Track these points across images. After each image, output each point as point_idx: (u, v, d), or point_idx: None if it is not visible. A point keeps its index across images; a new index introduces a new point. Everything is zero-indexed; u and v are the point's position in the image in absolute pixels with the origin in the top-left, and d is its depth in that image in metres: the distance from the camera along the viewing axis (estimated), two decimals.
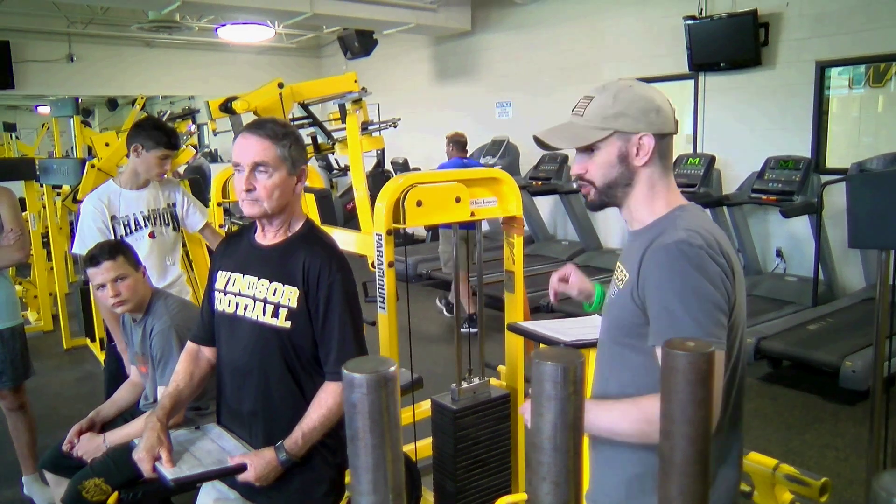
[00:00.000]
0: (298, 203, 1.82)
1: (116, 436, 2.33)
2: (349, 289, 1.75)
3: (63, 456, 2.40)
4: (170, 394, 1.88)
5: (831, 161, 5.87)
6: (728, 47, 6.16)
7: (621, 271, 1.43)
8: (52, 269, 6.18)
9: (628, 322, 1.35)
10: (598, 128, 1.36)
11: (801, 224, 5.77)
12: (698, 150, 6.63)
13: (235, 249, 1.88)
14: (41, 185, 5.88)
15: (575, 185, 1.53)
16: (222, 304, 1.84)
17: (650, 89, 1.38)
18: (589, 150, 1.38)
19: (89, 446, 2.31)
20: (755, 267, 6.20)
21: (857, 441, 3.64)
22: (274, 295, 1.73)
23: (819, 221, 5.22)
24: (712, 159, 6.19)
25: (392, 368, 0.57)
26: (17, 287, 6.64)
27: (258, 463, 1.68)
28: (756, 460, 2.19)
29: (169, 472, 1.64)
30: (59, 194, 5.91)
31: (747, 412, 4.06)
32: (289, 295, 1.71)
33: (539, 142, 1.44)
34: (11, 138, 11.35)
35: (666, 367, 0.62)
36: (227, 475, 1.68)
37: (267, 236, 1.81)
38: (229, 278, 1.83)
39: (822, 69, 5.80)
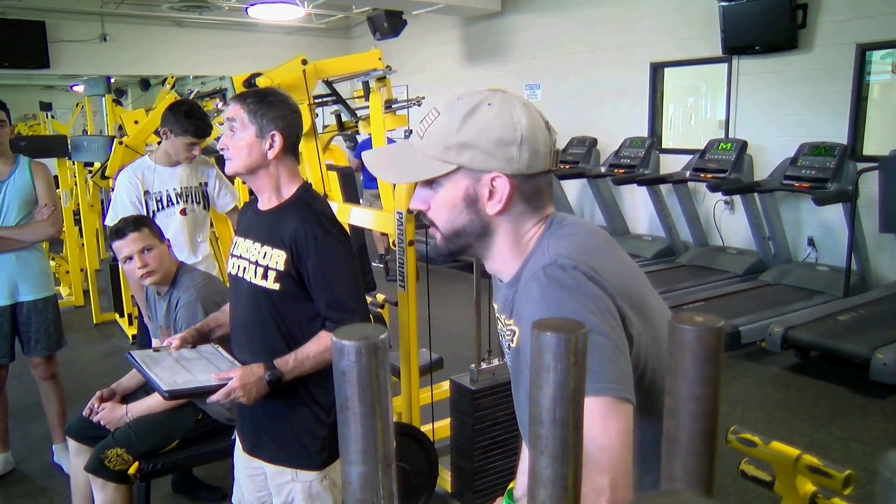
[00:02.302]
0: (283, 170, 1.85)
1: (139, 407, 2.38)
2: (339, 249, 1.80)
3: (87, 425, 2.45)
4: (215, 316, 2.10)
5: (868, 148, 5.70)
6: (763, 30, 6.01)
7: (509, 327, 1.12)
8: (83, 245, 6.29)
9: None
10: (438, 159, 1.05)
11: (835, 212, 5.64)
12: (730, 136, 6.50)
13: (245, 216, 1.99)
14: (73, 163, 5.96)
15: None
16: (229, 265, 1.94)
17: (518, 110, 1.05)
18: (429, 182, 1.08)
19: (112, 415, 2.35)
20: (785, 256, 6.08)
21: (885, 435, 3.56)
22: (264, 258, 1.80)
23: (853, 209, 5.10)
24: (744, 145, 6.06)
25: (383, 336, 0.55)
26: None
27: (244, 372, 1.73)
28: (778, 450, 2.14)
29: (163, 384, 1.73)
30: (90, 172, 5.99)
31: (773, 402, 4.03)
32: (276, 258, 1.78)
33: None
34: (47, 117, 11.54)
35: (673, 342, 0.59)
36: (212, 392, 1.73)
37: (263, 202, 1.88)
38: (236, 242, 1.93)
39: (862, 52, 5.63)
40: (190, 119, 3.01)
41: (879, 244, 5.56)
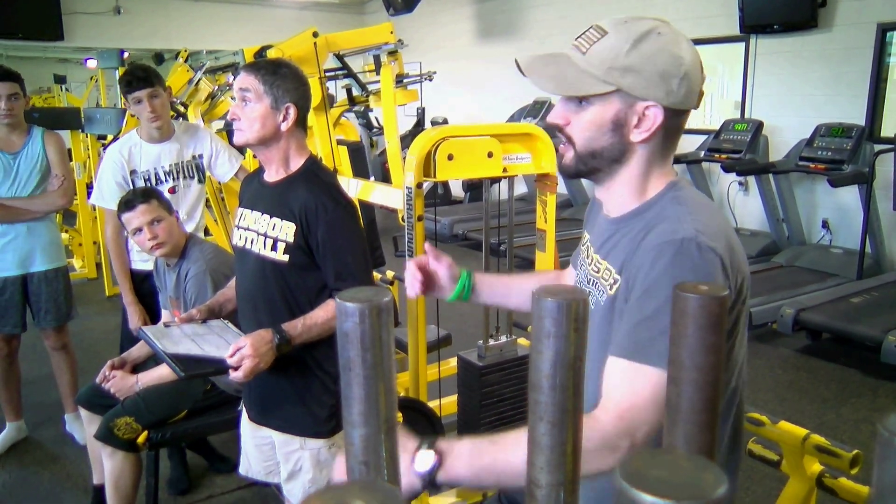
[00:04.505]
0: (293, 142, 1.85)
1: (149, 377, 2.40)
2: (347, 221, 1.80)
3: (98, 394, 2.48)
4: (223, 292, 2.13)
5: (887, 130, 5.62)
6: (782, 8, 5.90)
7: (609, 272, 1.12)
8: (95, 218, 6.32)
9: None
10: (598, 78, 1.05)
11: (850, 194, 5.57)
12: (746, 116, 6.42)
13: (250, 187, 1.98)
14: (86, 136, 5.98)
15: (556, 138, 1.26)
16: (235, 237, 1.93)
17: (684, 45, 1.07)
18: (578, 98, 1.09)
19: (122, 384, 2.37)
20: (799, 238, 6.02)
21: None
22: (273, 230, 1.80)
23: (869, 191, 5.03)
24: (760, 125, 5.99)
25: (387, 299, 0.55)
26: (64, 235, 6.82)
27: (254, 339, 1.72)
28: (786, 430, 2.14)
29: (179, 367, 1.75)
30: (104, 145, 6.01)
31: (784, 384, 4.01)
32: (286, 230, 1.78)
33: (522, 69, 1.14)
34: (62, 90, 11.55)
35: (675, 310, 0.59)
36: (226, 370, 1.74)
37: (270, 174, 1.88)
38: (241, 214, 1.93)
39: (883, 32, 5.52)
40: (123, 78, 2.88)
41: (895, 227, 5.50)
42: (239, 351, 1.70)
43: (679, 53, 1.05)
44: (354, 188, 2.98)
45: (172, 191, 2.99)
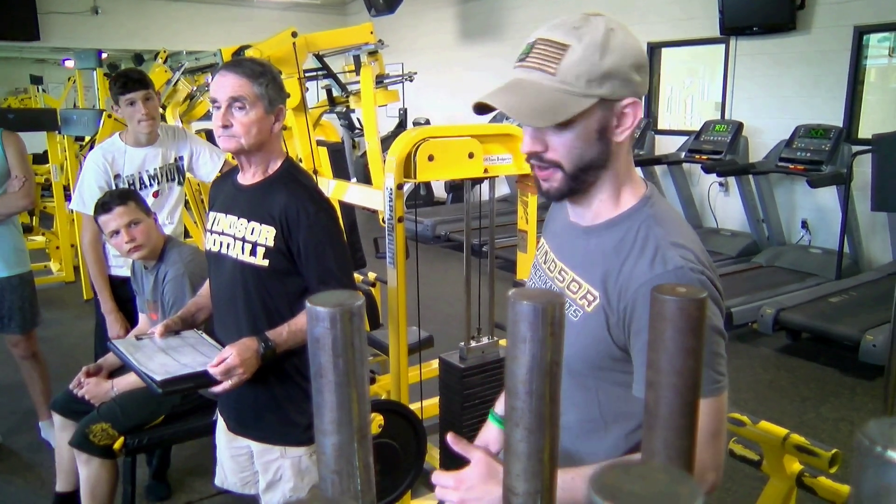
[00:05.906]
0: (277, 143, 1.82)
1: (125, 382, 2.36)
2: (329, 224, 1.77)
3: (73, 400, 2.43)
4: (195, 301, 2.04)
5: (864, 131, 5.69)
6: (762, 10, 5.96)
7: (578, 284, 1.10)
8: (73, 221, 6.24)
9: (602, 354, 1.07)
10: (579, 95, 0.99)
11: (829, 195, 5.64)
12: (726, 117, 6.47)
13: (222, 190, 1.91)
14: (63, 137, 5.90)
15: (531, 164, 1.10)
16: (209, 243, 1.87)
17: (630, 32, 1.05)
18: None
19: (98, 390, 2.33)
20: (779, 238, 6.08)
21: (873, 416, 3.58)
22: (252, 234, 1.75)
23: (847, 192, 5.09)
24: (740, 126, 6.04)
25: (359, 303, 0.54)
26: (41, 238, 6.74)
27: (239, 348, 1.66)
28: (766, 430, 2.15)
29: (157, 375, 1.66)
30: (81, 146, 5.93)
31: (764, 383, 4.04)
32: (266, 234, 1.73)
33: (483, 108, 1.06)
34: (38, 91, 11.38)
35: (653, 313, 0.58)
36: (206, 379, 1.67)
37: (247, 176, 1.82)
38: (215, 218, 1.87)
39: (860, 35, 5.59)
40: (114, 80, 2.84)
41: (872, 227, 5.57)
42: (224, 361, 1.64)
43: (635, 44, 1.04)
44: (334, 189, 2.95)
45: (156, 195, 2.95)
